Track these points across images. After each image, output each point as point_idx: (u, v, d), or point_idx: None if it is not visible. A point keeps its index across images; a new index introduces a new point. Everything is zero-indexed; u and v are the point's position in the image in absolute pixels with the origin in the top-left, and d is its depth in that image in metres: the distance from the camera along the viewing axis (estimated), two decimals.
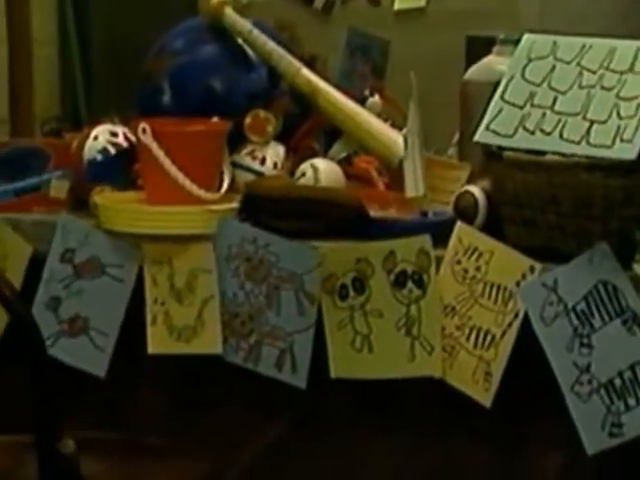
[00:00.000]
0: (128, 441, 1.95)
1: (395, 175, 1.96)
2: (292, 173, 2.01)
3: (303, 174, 1.98)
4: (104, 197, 1.98)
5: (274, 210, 1.91)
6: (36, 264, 1.99)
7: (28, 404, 1.70)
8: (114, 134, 2.04)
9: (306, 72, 2.04)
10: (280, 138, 2.04)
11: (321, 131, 2.07)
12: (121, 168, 2.02)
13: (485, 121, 1.76)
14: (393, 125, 2.03)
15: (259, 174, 2.02)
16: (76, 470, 1.71)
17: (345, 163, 2.03)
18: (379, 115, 2.05)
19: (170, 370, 1.99)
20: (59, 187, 2.04)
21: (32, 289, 1.97)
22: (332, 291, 1.85)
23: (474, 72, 1.97)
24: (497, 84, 1.78)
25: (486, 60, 1.97)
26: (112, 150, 2.02)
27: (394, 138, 1.99)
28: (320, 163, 1.98)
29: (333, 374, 1.86)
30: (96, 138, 2.03)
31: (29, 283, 1.97)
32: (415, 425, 1.89)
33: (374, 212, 1.89)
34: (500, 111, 1.76)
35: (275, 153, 2.02)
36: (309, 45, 2.15)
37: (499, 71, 1.85)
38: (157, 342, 1.93)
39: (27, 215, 2.02)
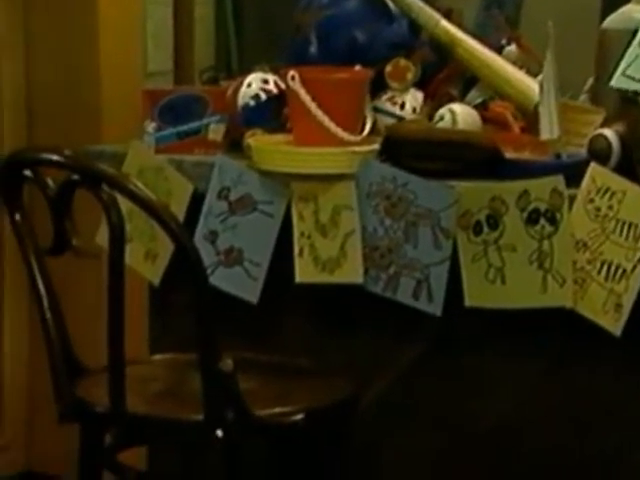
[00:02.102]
0: (279, 361, 1.87)
1: (530, 120, 1.83)
2: (430, 117, 1.91)
3: (441, 118, 1.86)
4: (256, 139, 1.92)
5: (413, 151, 1.80)
6: (196, 201, 1.90)
7: (192, 326, 1.62)
8: (265, 81, 1.97)
9: (445, 23, 1.94)
10: (419, 85, 1.95)
11: (459, 78, 1.94)
12: (272, 112, 1.95)
13: (621, 67, 1.63)
14: (528, 73, 1.88)
15: (399, 118, 1.93)
16: (234, 386, 1.65)
17: (481, 108, 1.90)
18: (515, 63, 1.90)
19: (315, 298, 1.89)
20: (216, 130, 1.97)
21: (193, 223, 1.88)
22: (467, 227, 1.74)
23: (612, 20, 1.82)
24: (635, 32, 1.66)
25: (625, 9, 1.82)
26: (263, 96, 1.96)
27: (529, 84, 1.87)
28: (457, 107, 1.87)
29: (467, 303, 1.75)
30: (249, 85, 1.97)
31: (190, 218, 1.88)
32: (544, 352, 1.78)
33: (509, 154, 1.75)
34: (637, 57, 1.62)
35: (414, 99, 1.92)
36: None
37: (637, 19, 1.71)
38: (303, 272, 1.86)
39: (188, 156, 1.96)
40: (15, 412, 2.48)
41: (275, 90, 1.94)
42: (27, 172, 1.73)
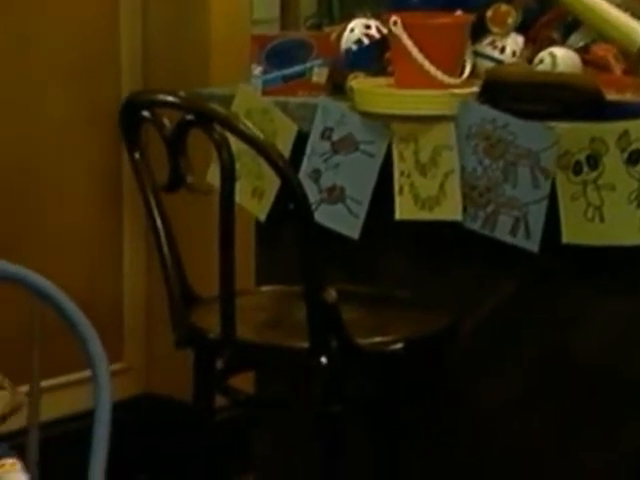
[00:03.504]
0: (379, 294, 1.81)
1: (633, 63, 1.69)
2: (530, 61, 1.81)
3: (541, 61, 1.76)
4: (358, 82, 1.86)
5: (513, 94, 1.71)
6: (301, 141, 1.84)
7: (297, 259, 1.55)
8: (368, 27, 1.91)
9: None
10: (520, 30, 1.86)
11: (561, 22, 1.82)
12: (374, 56, 1.89)
13: None
14: (633, 16, 1.74)
15: (498, 62, 1.84)
16: (337, 316, 1.61)
17: (582, 51, 1.77)
18: (619, 7, 1.76)
19: (414, 234, 1.81)
20: (320, 74, 1.90)
21: (297, 163, 1.82)
22: (566, 167, 1.66)
23: None
24: None
25: None
26: (366, 41, 1.89)
27: (634, 27, 1.73)
28: (558, 51, 1.77)
29: (565, 240, 1.68)
30: (352, 30, 1.90)
31: (295, 158, 1.82)
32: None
33: (610, 96, 1.63)
34: None
35: (514, 43, 1.83)
36: None
37: None
38: (404, 209, 1.80)
39: (293, 98, 1.90)
40: (135, 337, 2.47)
41: (377, 35, 1.88)
42: (145, 113, 1.69)
